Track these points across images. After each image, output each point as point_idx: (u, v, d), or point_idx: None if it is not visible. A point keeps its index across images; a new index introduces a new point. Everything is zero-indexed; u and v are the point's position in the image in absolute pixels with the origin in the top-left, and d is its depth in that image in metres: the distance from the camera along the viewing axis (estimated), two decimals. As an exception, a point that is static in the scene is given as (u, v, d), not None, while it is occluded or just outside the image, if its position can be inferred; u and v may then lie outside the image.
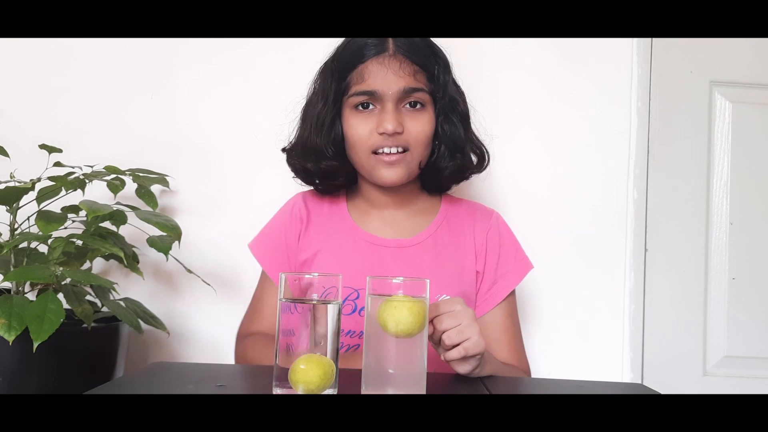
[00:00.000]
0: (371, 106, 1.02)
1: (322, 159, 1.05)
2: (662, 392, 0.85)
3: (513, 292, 1.11)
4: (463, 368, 0.87)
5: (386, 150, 1.01)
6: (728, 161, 1.43)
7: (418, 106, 1.02)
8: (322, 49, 1.09)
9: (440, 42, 1.08)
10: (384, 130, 0.99)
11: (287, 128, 1.12)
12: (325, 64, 1.08)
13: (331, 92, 1.03)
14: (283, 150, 1.12)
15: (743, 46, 1.44)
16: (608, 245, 1.40)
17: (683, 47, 1.44)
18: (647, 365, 1.39)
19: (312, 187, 1.14)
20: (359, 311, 1.02)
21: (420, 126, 1.02)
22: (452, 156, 1.06)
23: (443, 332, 0.83)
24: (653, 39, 1.43)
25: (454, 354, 0.83)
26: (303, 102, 1.11)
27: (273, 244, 1.11)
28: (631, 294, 1.39)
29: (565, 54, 1.41)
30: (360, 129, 1.02)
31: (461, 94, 1.09)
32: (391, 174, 1.02)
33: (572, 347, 1.38)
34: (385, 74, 1.00)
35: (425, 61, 1.02)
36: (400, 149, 1.01)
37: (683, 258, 1.42)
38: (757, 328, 1.42)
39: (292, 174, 1.12)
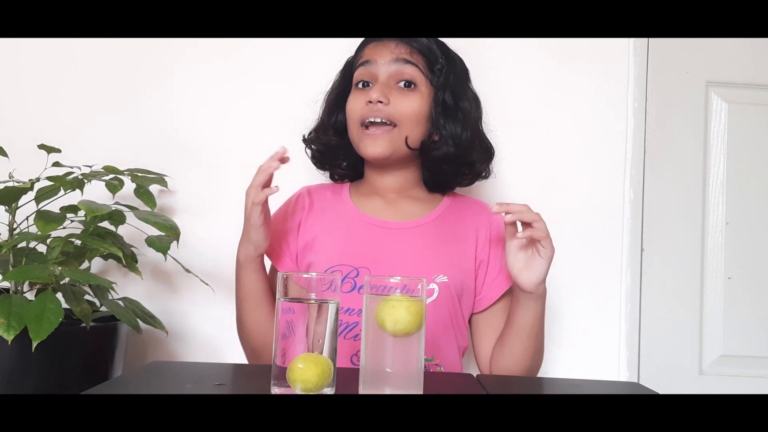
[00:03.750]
0: (370, 85, 1.08)
1: (324, 132, 1.14)
2: (658, 391, 0.85)
3: None
4: (535, 270, 0.96)
5: (371, 119, 1.06)
6: (724, 161, 1.44)
7: (412, 86, 1.07)
8: (323, 50, 1.11)
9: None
10: (369, 98, 1.05)
11: (299, 125, 1.19)
12: (346, 62, 1.17)
13: (343, 78, 1.15)
14: (304, 140, 1.18)
15: (739, 46, 1.44)
16: (605, 245, 1.41)
17: (680, 47, 1.44)
18: (643, 364, 1.40)
19: (318, 179, 1.21)
20: (358, 289, 1.04)
21: (408, 102, 1.06)
22: (445, 142, 1.08)
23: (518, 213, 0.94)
24: (650, 39, 1.43)
25: (526, 233, 0.94)
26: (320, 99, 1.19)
27: (275, 230, 1.12)
28: (628, 293, 1.40)
29: (562, 54, 1.41)
30: (354, 102, 1.09)
31: (474, 98, 1.14)
32: (374, 147, 1.07)
33: (569, 346, 1.39)
34: (381, 49, 1.08)
35: (426, 49, 1.09)
36: (385, 122, 1.06)
37: (679, 257, 1.42)
38: (752, 328, 1.42)
39: (310, 160, 1.19)
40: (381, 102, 1.04)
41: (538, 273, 0.96)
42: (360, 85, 1.09)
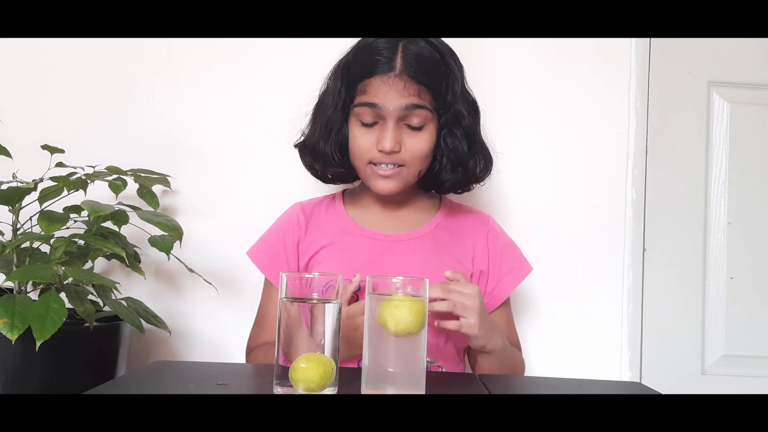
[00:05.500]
0: (374, 124, 1.03)
1: (329, 165, 1.09)
2: (660, 391, 0.85)
3: None
4: (472, 341, 0.95)
5: (383, 165, 1.04)
6: (726, 161, 1.44)
7: (421, 127, 1.03)
8: (326, 51, 1.10)
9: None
10: (382, 148, 1.01)
11: (299, 124, 1.15)
12: (338, 66, 1.09)
13: (341, 99, 1.05)
14: (295, 146, 1.15)
15: (741, 46, 1.44)
16: (607, 245, 1.41)
17: (682, 47, 1.44)
18: (646, 364, 1.40)
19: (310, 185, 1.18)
20: None
21: (418, 144, 1.03)
22: (454, 169, 1.07)
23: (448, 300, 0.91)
24: (652, 39, 1.43)
25: (450, 325, 0.92)
26: (315, 98, 1.13)
27: (272, 250, 1.13)
28: (630, 293, 1.40)
29: (564, 54, 1.41)
30: (361, 141, 1.04)
31: (471, 104, 1.10)
32: (385, 186, 1.05)
33: (571, 346, 1.39)
34: (387, 92, 1.00)
35: (432, 80, 1.03)
36: (396, 165, 1.04)
37: (681, 257, 1.42)
38: (754, 327, 1.42)
39: (308, 171, 1.15)
40: (394, 151, 1.02)
41: (475, 342, 0.96)
42: (365, 124, 1.04)
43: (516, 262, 1.16)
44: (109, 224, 1.14)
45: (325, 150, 1.07)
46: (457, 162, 1.07)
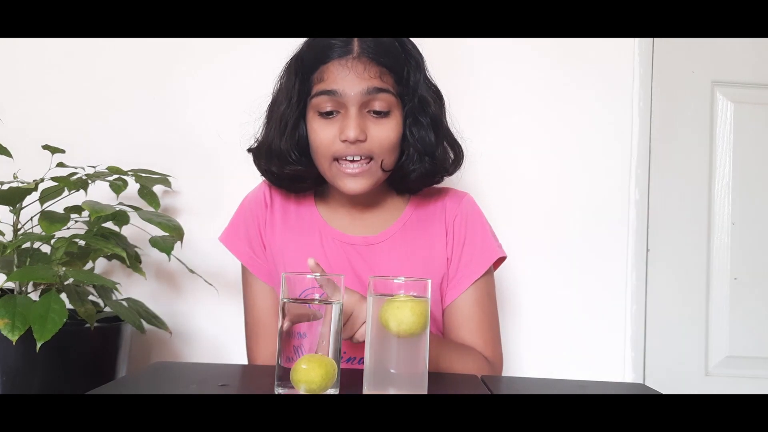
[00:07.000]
0: (335, 114, 0.97)
1: (285, 164, 1.01)
2: (664, 392, 0.85)
3: (488, 278, 1.07)
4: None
5: (348, 158, 0.97)
6: (730, 161, 1.43)
7: (386, 113, 0.97)
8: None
9: (430, 41, 1.05)
10: (346, 138, 0.95)
11: (252, 127, 1.08)
12: (290, 62, 1.03)
13: (295, 92, 0.99)
14: (249, 150, 1.08)
15: (745, 46, 1.44)
16: (610, 245, 1.40)
17: (685, 47, 1.44)
18: (649, 365, 1.39)
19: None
20: None
21: (385, 132, 0.97)
22: (420, 159, 1.01)
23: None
24: (655, 39, 1.43)
25: (358, 338, 0.86)
26: (269, 100, 1.07)
27: (244, 232, 1.08)
28: (633, 294, 1.39)
29: (567, 54, 1.41)
30: (322, 134, 0.97)
31: (435, 92, 1.04)
32: (354, 185, 0.99)
33: (574, 347, 1.38)
34: (346, 75, 0.95)
35: (394, 62, 0.98)
36: (363, 157, 0.97)
37: (685, 258, 1.42)
38: (758, 328, 1.42)
39: (260, 174, 1.08)
40: (360, 140, 0.95)
41: None
42: (324, 113, 0.97)
43: (480, 250, 1.06)
44: (109, 225, 1.14)
45: (281, 146, 1.00)
46: (423, 152, 1.00)
